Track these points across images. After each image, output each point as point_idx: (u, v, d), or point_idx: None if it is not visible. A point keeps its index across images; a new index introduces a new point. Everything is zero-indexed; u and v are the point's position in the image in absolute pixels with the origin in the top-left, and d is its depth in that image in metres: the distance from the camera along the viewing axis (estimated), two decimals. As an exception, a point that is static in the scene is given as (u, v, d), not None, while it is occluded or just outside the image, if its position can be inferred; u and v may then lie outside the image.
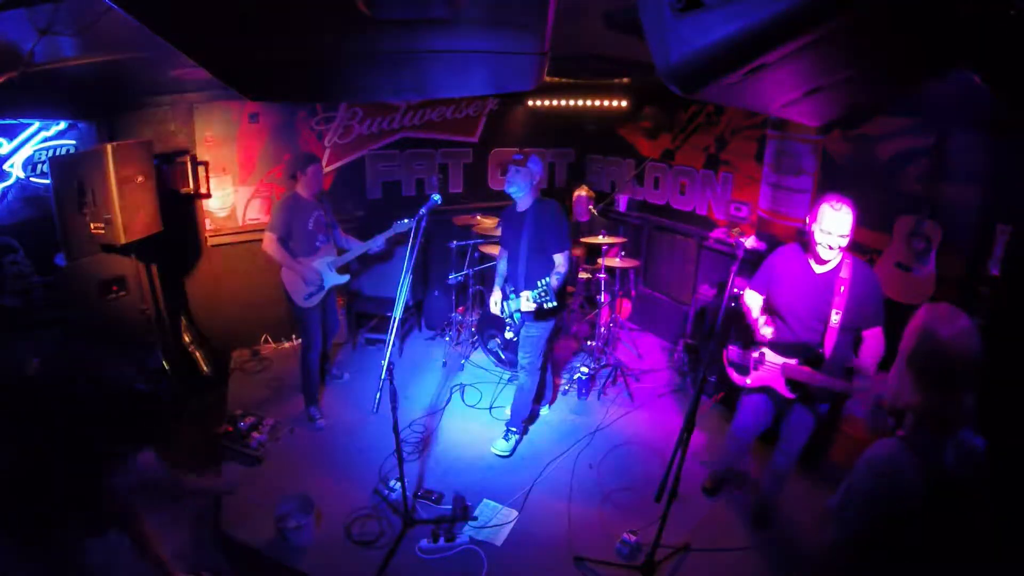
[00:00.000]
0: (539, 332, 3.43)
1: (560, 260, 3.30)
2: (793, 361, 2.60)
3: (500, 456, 3.56)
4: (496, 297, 3.60)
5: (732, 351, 2.87)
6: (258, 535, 2.87)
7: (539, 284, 3.03)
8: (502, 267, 3.66)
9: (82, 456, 2.98)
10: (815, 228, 2.48)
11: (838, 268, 2.51)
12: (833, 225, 2.43)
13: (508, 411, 3.75)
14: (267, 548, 2.81)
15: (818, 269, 2.57)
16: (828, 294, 2.49)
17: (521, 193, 3.34)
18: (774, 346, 2.68)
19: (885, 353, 2.45)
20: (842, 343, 2.53)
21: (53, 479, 2.81)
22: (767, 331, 2.66)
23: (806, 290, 2.57)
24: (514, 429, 3.63)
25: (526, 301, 3.15)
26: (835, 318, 2.47)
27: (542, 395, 3.94)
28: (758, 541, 2.92)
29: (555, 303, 3.08)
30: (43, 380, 3.42)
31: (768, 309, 2.77)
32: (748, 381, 2.80)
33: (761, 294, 2.80)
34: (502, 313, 3.53)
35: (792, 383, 2.62)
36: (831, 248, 2.46)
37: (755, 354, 2.74)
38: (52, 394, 3.35)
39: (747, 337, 2.81)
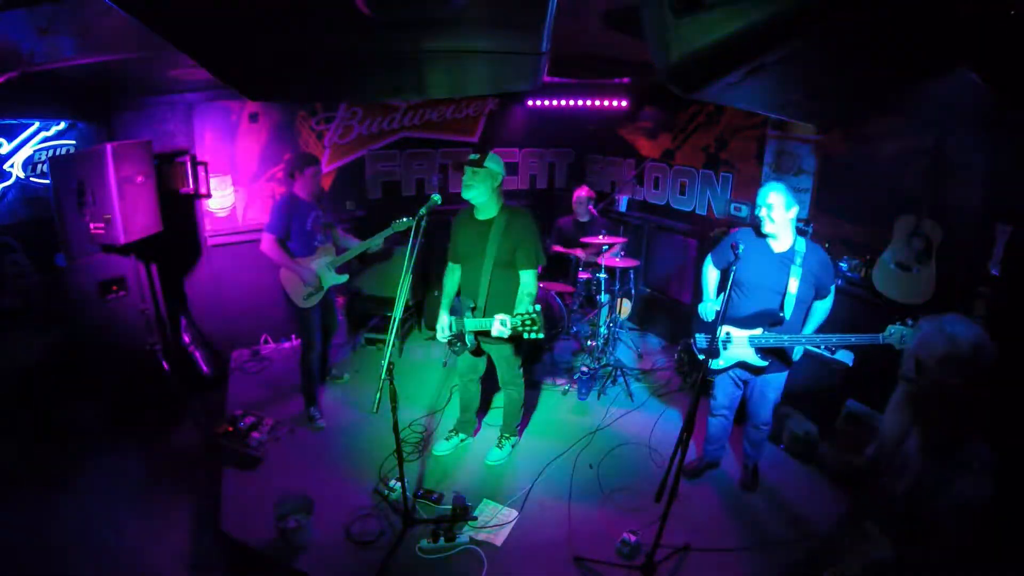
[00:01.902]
0: (512, 350, 3.28)
1: (530, 279, 3.02)
2: (758, 330, 2.82)
3: (495, 465, 3.51)
4: (443, 322, 3.21)
5: (698, 339, 3.04)
6: (258, 535, 2.87)
7: (530, 311, 2.77)
8: (451, 283, 3.27)
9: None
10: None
11: (793, 247, 2.79)
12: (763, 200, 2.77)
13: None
14: (267, 548, 2.81)
15: (776, 249, 2.82)
16: (786, 269, 2.77)
17: (483, 198, 2.99)
18: (737, 322, 2.88)
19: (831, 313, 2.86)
20: (797, 313, 2.81)
21: None
22: (710, 309, 3.00)
23: (767, 266, 2.82)
24: (507, 435, 3.60)
25: (500, 326, 2.80)
26: (792, 289, 2.75)
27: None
28: (758, 541, 2.92)
29: (542, 335, 2.77)
30: None
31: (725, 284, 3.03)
32: (721, 363, 2.99)
33: (718, 268, 3.11)
34: (450, 332, 3.19)
35: (763, 349, 2.84)
36: (768, 222, 2.75)
37: (722, 335, 2.90)
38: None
39: (708, 324, 3.03)
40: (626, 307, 5.63)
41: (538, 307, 2.79)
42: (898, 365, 1.55)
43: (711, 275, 3.13)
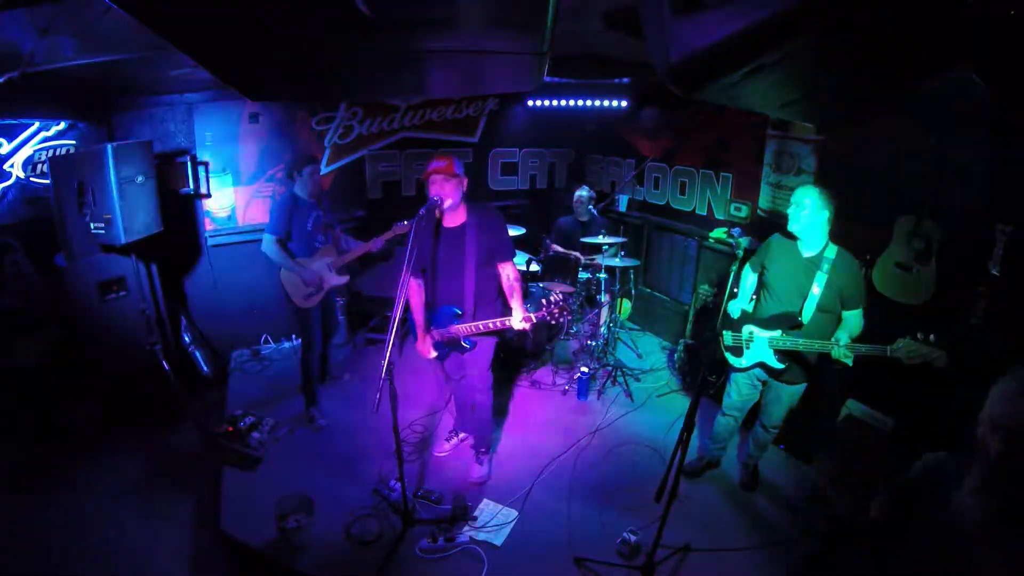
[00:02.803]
0: (489, 345, 3.17)
1: (510, 270, 3.02)
2: (776, 332, 2.83)
3: (481, 483, 3.38)
4: (429, 342, 3.04)
5: (725, 336, 3.06)
6: (258, 535, 2.87)
7: (550, 300, 2.76)
8: (417, 298, 3.10)
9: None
10: None
11: (821, 253, 2.79)
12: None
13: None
14: (267, 548, 2.81)
15: (804, 253, 2.84)
16: (812, 274, 2.78)
17: (457, 205, 2.89)
18: (761, 322, 2.90)
19: (864, 330, 2.76)
20: (819, 320, 2.78)
21: None
22: (737, 307, 3.02)
23: (793, 268, 2.86)
24: (484, 450, 3.46)
25: (519, 322, 2.86)
26: (814, 293, 2.76)
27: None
28: (758, 541, 2.92)
29: (571, 317, 2.83)
30: None
31: (759, 285, 3.07)
32: (743, 362, 2.99)
33: (755, 271, 3.10)
34: (443, 347, 3.09)
35: (781, 352, 2.84)
36: (792, 220, 2.77)
37: (746, 334, 2.93)
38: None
39: (734, 322, 3.04)
40: (627, 307, 5.63)
41: (552, 295, 2.82)
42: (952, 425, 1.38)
43: (748, 279, 3.13)
